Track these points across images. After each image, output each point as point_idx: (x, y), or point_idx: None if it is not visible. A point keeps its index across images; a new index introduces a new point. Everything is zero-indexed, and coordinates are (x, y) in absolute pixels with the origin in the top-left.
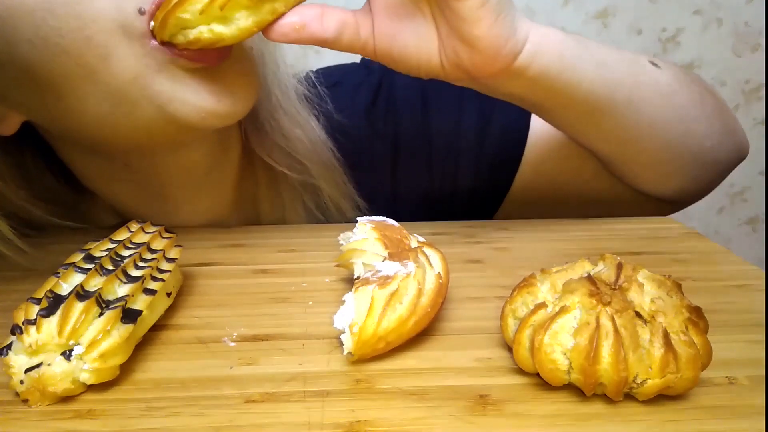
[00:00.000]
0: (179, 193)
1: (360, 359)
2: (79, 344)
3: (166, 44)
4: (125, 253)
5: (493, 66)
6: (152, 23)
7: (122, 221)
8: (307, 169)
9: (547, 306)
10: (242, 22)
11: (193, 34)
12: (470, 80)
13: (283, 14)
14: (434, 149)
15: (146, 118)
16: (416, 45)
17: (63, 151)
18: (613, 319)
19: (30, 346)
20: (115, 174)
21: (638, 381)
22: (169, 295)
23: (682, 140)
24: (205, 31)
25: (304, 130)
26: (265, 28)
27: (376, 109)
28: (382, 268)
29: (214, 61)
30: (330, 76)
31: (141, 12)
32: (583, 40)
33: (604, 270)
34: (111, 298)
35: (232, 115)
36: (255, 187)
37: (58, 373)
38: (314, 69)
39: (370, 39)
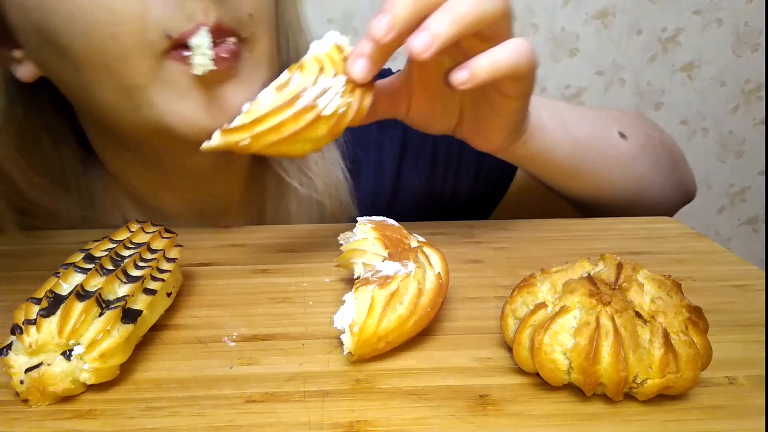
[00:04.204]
0: (182, 183)
1: (360, 359)
2: (79, 344)
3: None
4: (125, 253)
5: (491, 152)
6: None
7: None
8: (315, 185)
9: (547, 306)
10: (324, 139)
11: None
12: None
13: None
14: (439, 152)
15: (146, 121)
16: (441, 124)
17: (79, 117)
18: (613, 319)
19: (30, 346)
20: (120, 152)
21: (638, 381)
22: (169, 295)
23: (636, 197)
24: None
25: None
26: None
27: None
28: (382, 268)
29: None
30: None
31: (168, 37)
32: (566, 120)
33: (604, 270)
34: (111, 298)
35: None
36: (262, 194)
37: (58, 373)
38: None
39: (402, 114)
